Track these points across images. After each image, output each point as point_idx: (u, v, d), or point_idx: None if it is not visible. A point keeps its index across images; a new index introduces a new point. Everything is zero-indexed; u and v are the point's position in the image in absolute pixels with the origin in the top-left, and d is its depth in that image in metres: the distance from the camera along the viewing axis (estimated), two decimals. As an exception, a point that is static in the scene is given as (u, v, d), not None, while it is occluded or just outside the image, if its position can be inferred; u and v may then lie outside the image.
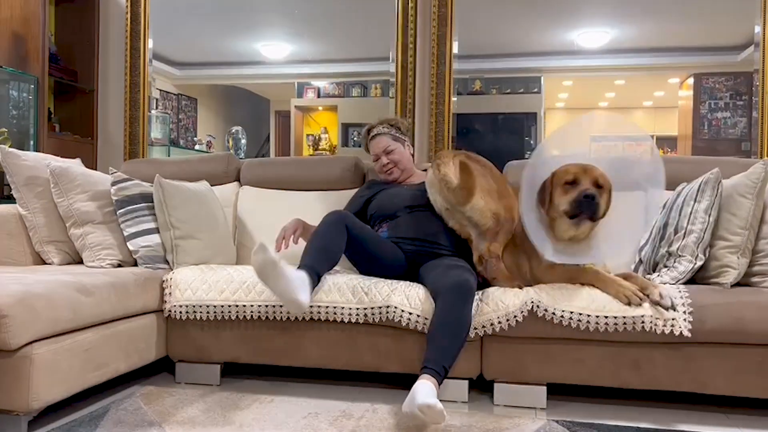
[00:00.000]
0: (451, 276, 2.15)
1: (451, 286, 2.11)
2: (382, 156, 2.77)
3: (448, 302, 2.08)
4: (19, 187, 2.60)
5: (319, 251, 2.22)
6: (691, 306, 2.02)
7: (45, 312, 1.81)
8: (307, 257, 2.20)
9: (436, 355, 2.00)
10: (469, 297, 2.10)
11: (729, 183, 2.26)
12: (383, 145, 2.77)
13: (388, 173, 2.78)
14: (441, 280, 2.16)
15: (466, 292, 2.10)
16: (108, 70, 4.17)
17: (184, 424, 1.94)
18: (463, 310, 2.08)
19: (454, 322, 2.05)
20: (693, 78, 3.77)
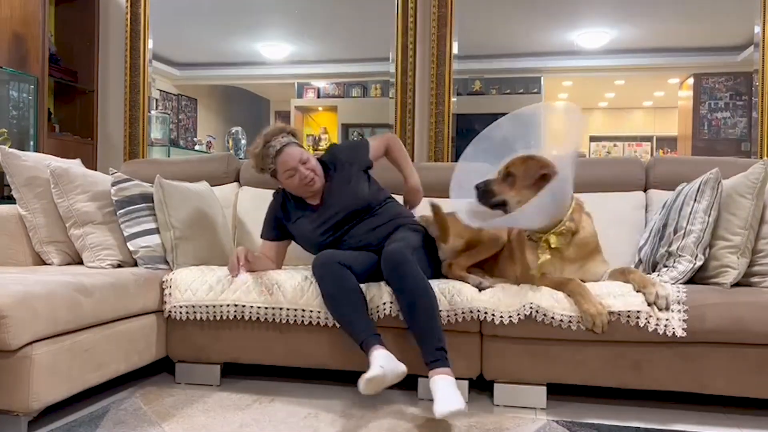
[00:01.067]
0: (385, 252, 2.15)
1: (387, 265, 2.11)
2: (300, 168, 2.38)
3: (397, 284, 2.09)
4: (19, 187, 2.60)
5: (355, 312, 2.11)
6: (686, 305, 2.02)
7: (45, 312, 1.81)
8: (355, 328, 2.08)
9: (427, 342, 2.01)
10: (405, 266, 2.08)
11: (729, 183, 2.26)
12: (297, 155, 2.39)
13: (310, 185, 2.41)
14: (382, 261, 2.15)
15: (400, 262, 2.09)
16: (108, 71, 4.17)
17: (184, 424, 1.94)
18: (411, 281, 2.06)
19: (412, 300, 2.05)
20: (693, 78, 3.78)
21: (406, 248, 2.14)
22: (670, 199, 2.41)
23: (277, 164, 2.40)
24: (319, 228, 2.42)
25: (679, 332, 2.01)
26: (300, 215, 2.48)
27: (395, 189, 3.06)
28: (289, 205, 2.52)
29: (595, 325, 2.03)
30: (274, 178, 2.48)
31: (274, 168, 2.41)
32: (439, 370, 1.94)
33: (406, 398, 2.26)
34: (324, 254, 2.20)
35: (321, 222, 2.43)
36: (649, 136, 4.16)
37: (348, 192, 2.46)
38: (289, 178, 2.40)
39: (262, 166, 2.44)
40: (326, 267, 2.15)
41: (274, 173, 2.44)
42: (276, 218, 2.52)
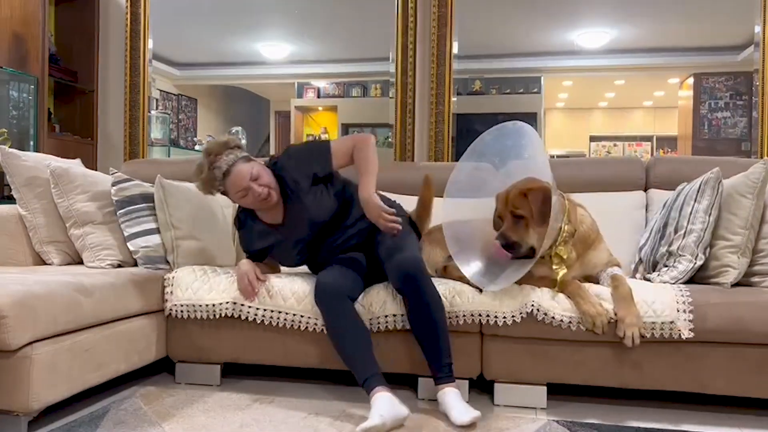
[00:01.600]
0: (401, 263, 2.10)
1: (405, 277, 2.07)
2: (253, 186, 2.17)
3: (413, 293, 2.07)
4: (19, 187, 2.60)
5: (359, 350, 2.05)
6: (692, 305, 2.02)
7: (45, 312, 1.81)
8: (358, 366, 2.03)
9: (439, 357, 2.05)
10: (423, 280, 2.07)
11: (729, 183, 2.26)
12: (247, 173, 2.17)
13: (267, 201, 2.21)
14: (394, 270, 2.10)
15: (417, 276, 2.06)
16: (108, 71, 4.17)
17: (183, 424, 1.94)
18: (428, 295, 2.06)
19: (430, 314, 2.06)
20: (693, 78, 3.77)
21: (420, 260, 2.11)
22: (671, 198, 2.41)
23: (226, 186, 2.20)
24: (293, 249, 2.33)
25: (686, 334, 2.01)
26: (266, 237, 2.34)
27: (395, 189, 3.05)
28: (255, 226, 2.34)
29: (595, 326, 2.02)
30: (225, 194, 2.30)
31: (224, 190, 2.23)
32: (450, 384, 2.04)
33: (406, 398, 2.26)
34: (327, 283, 2.13)
35: (293, 244, 2.32)
36: (649, 136, 4.16)
37: (311, 206, 2.27)
38: (243, 198, 2.20)
39: (210, 191, 2.25)
40: (332, 301, 2.11)
41: (226, 193, 2.25)
42: (253, 239, 2.35)
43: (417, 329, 2.09)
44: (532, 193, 2.08)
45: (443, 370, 2.05)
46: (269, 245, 2.35)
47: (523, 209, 2.08)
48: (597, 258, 2.22)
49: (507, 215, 2.12)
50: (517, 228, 2.09)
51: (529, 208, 2.07)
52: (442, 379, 2.05)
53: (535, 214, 2.06)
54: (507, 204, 2.13)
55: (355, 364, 2.04)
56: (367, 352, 2.05)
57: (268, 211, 2.31)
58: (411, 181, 3.04)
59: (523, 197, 2.09)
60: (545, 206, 2.04)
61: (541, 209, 2.05)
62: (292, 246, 2.32)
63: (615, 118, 4.23)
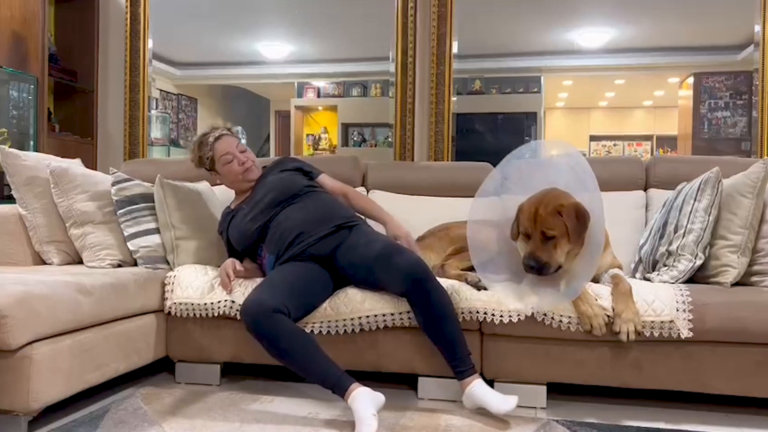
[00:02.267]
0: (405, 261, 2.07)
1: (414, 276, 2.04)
2: (237, 154, 2.43)
3: (424, 296, 2.04)
4: (19, 187, 2.60)
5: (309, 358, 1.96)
6: (692, 305, 2.02)
7: (45, 312, 1.81)
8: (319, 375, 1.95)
9: (459, 351, 2.04)
10: (430, 282, 2.05)
11: (729, 182, 2.26)
12: (234, 143, 2.47)
13: (249, 172, 2.45)
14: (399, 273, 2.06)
15: (427, 270, 2.07)
16: (108, 71, 4.17)
17: (184, 424, 1.94)
18: (438, 293, 2.05)
19: (443, 312, 2.04)
20: (693, 77, 3.77)
21: (422, 260, 2.10)
22: (671, 198, 2.41)
23: (214, 151, 2.44)
24: (247, 216, 2.36)
25: (685, 333, 2.01)
26: (234, 215, 2.45)
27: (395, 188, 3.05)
28: (224, 223, 2.49)
29: (593, 327, 2.02)
30: (212, 171, 2.51)
31: (212, 156, 2.44)
32: (477, 375, 2.03)
33: (407, 397, 2.26)
34: (252, 302, 1.99)
35: (249, 210, 2.38)
36: (649, 136, 4.16)
37: (279, 178, 2.44)
38: (227, 164, 2.42)
39: (200, 155, 2.47)
40: (260, 324, 1.95)
41: (213, 164, 2.47)
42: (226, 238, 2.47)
43: (431, 328, 2.06)
44: (565, 210, 2.00)
45: (465, 362, 2.03)
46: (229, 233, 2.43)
47: (556, 229, 2.00)
48: (602, 261, 2.23)
49: (536, 234, 2.04)
50: (546, 247, 2.02)
51: (563, 227, 2.00)
52: (467, 372, 2.02)
53: (571, 232, 1.99)
54: (536, 222, 2.03)
55: (314, 374, 1.94)
56: (321, 356, 1.95)
57: (246, 189, 2.48)
58: (410, 180, 3.05)
59: (557, 215, 2.00)
60: (580, 223, 2.00)
61: (576, 227, 2.00)
62: (249, 211, 2.37)
63: (615, 118, 4.23)
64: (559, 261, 2.03)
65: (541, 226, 2.02)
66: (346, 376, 1.93)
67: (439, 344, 2.06)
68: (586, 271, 2.02)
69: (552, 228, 2.00)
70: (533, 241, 2.05)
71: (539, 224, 2.03)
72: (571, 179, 2.11)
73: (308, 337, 2.01)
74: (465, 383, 2.02)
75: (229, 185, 2.54)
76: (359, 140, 4.27)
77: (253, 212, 2.36)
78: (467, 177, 2.97)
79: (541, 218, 2.02)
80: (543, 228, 2.02)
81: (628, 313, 2.00)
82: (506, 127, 4.00)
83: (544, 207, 2.03)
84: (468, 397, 2.02)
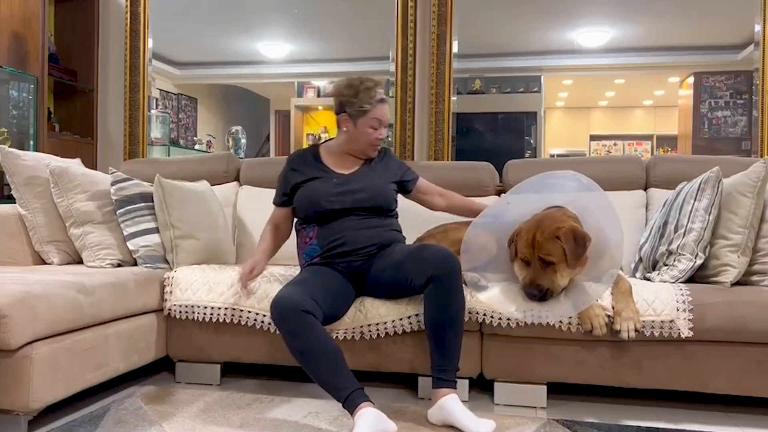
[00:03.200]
0: (436, 255, 2.00)
1: (443, 268, 1.96)
2: (381, 128, 2.29)
3: (443, 291, 1.97)
4: (19, 187, 2.60)
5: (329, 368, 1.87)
6: (692, 304, 2.02)
7: (45, 312, 1.81)
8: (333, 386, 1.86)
9: (450, 361, 1.97)
10: (457, 278, 1.98)
11: (729, 182, 2.26)
12: (388, 114, 2.30)
13: (377, 146, 2.33)
14: (425, 263, 2.00)
15: (457, 269, 1.99)
16: (108, 70, 4.17)
17: (184, 423, 1.94)
18: (459, 295, 1.99)
19: (456, 314, 1.98)
20: (693, 77, 3.77)
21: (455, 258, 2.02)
22: (671, 197, 2.41)
23: (373, 108, 2.24)
24: (332, 191, 2.23)
25: (685, 332, 2.01)
26: (315, 176, 2.29)
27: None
28: (304, 168, 2.32)
29: (593, 327, 2.02)
30: (343, 115, 2.28)
31: (368, 109, 2.24)
32: (454, 390, 1.95)
33: (407, 397, 2.26)
34: (284, 298, 1.92)
35: (340, 191, 2.24)
36: (649, 135, 4.15)
37: (380, 183, 2.31)
38: (371, 128, 2.25)
39: (353, 99, 2.24)
40: (288, 319, 1.89)
41: (356, 114, 2.25)
42: (287, 183, 2.34)
43: (436, 326, 1.98)
44: (563, 234, 2.00)
45: (451, 373, 1.96)
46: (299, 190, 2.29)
47: (554, 255, 2.00)
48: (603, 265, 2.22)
49: (534, 261, 2.03)
50: (545, 273, 2.02)
51: (561, 252, 2.00)
52: (448, 383, 1.94)
53: (570, 256, 1.99)
54: (534, 248, 2.02)
55: (329, 384, 1.86)
56: (342, 367, 1.87)
57: (348, 155, 2.35)
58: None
59: (555, 240, 2.00)
60: (579, 246, 2.00)
61: (575, 251, 1.99)
62: (339, 193, 2.23)
63: (615, 117, 4.22)
64: (561, 285, 2.03)
65: (539, 252, 2.01)
66: (362, 393, 1.84)
67: (436, 345, 1.98)
68: (597, 283, 2.02)
69: (550, 254, 2.00)
70: (533, 268, 2.04)
71: (537, 250, 2.02)
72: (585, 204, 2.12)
73: (334, 345, 1.90)
74: (441, 393, 1.93)
75: (343, 143, 2.33)
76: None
77: (338, 196, 2.23)
78: (467, 177, 2.97)
79: (538, 244, 2.01)
80: (541, 254, 2.01)
81: (628, 312, 2.00)
82: (506, 127, 4.00)
83: (541, 233, 2.02)
84: (439, 409, 1.92)
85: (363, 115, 2.25)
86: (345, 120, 2.29)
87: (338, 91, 2.29)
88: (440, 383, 1.95)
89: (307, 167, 2.33)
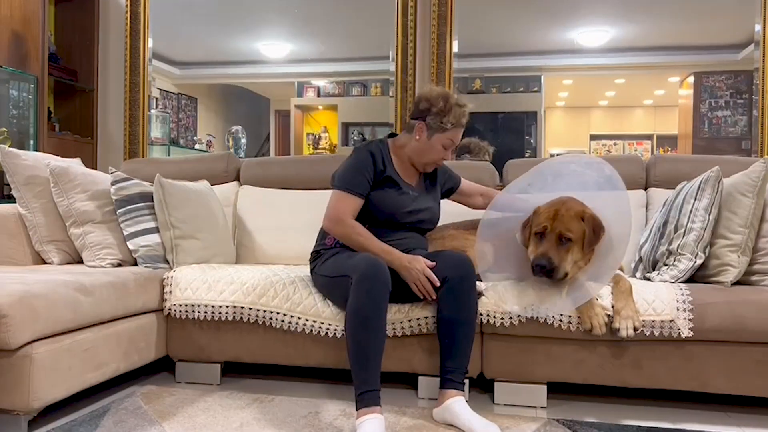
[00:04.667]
0: (452, 258, 2.02)
1: (458, 269, 1.98)
2: (449, 151, 2.25)
3: (459, 293, 1.98)
4: (19, 186, 2.60)
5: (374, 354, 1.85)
6: (692, 304, 2.02)
7: (45, 312, 1.81)
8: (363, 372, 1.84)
9: (460, 362, 1.98)
10: (474, 277, 2.01)
11: (729, 181, 2.26)
12: (459, 140, 2.28)
13: (436, 166, 2.30)
14: (442, 265, 2.01)
15: (472, 272, 2.00)
16: (108, 70, 4.17)
17: (184, 423, 1.94)
18: (472, 298, 2.01)
19: (469, 317, 2.00)
20: (693, 76, 3.77)
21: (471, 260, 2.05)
22: (671, 197, 2.40)
23: (453, 130, 2.18)
24: (408, 207, 2.20)
25: (685, 332, 2.01)
26: (394, 181, 2.21)
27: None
28: (381, 168, 2.20)
29: (593, 327, 2.02)
30: (419, 122, 2.19)
31: (445, 127, 2.16)
32: (462, 392, 1.95)
33: (407, 396, 2.26)
34: (382, 267, 1.91)
35: (411, 209, 2.21)
36: (649, 135, 4.16)
37: (436, 204, 2.34)
38: (443, 147, 2.19)
39: (440, 113, 2.15)
40: (377, 283, 1.87)
41: (435, 128, 2.17)
42: (368, 173, 2.17)
43: (449, 327, 1.98)
44: (587, 217, 2.02)
45: (460, 374, 1.97)
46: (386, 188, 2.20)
47: (574, 232, 2.01)
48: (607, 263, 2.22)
49: (552, 235, 2.03)
50: (560, 250, 2.02)
51: (581, 232, 2.01)
52: (456, 385, 1.96)
53: (587, 240, 2.01)
54: (555, 221, 2.02)
55: (365, 366, 1.83)
56: (380, 360, 1.87)
57: (413, 172, 2.29)
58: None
59: (579, 219, 2.01)
60: (596, 235, 2.02)
61: (592, 238, 2.02)
62: (413, 210, 2.21)
63: (615, 117, 4.22)
64: (567, 268, 2.03)
65: (561, 226, 2.02)
66: (377, 396, 1.82)
67: (447, 346, 1.99)
68: (596, 281, 2.03)
69: (571, 230, 2.01)
70: (548, 241, 2.04)
71: (558, 223, 2.02)
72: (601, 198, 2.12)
73: (385, 333, 1.90)
74: (448, 394, 1.94)
75: (410, 153, 2.25)
76: (359, 139, 4.27)
77: (411, 212, 2.21)
78: (467, 176, 2.97)
79: (561, 218, 2.02)
80: (562, 228, 2.01)
81: (628, 311, 2.00)
82: (506, 127, 4.00)
83: (566, 209, 2.04)
84: (445, 410, 1.91)
85: (442, 131, 2.18)
86: (420, 129, 2.20)
87: (429, 97, 2.20)
88: (448, 384, 1.95)
89: (385, 164, 2.22)
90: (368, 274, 1.88)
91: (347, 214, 2.12)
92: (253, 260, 2.98)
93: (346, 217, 2.12)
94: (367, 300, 1.85)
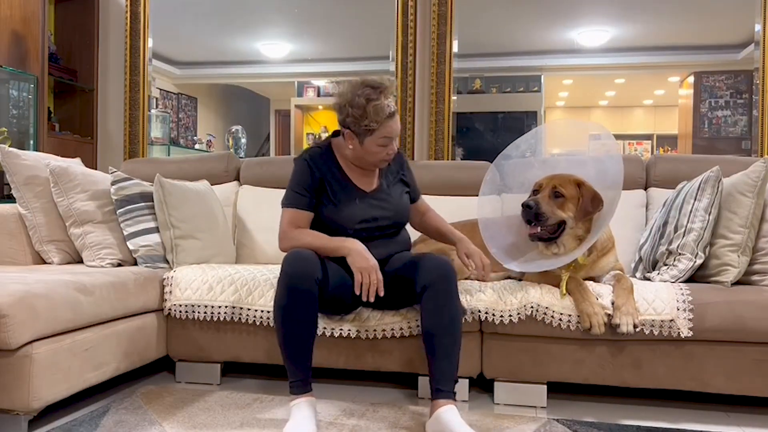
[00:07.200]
0: (432, 262, 1.94)
1: (438, 275, 1.90)
2: (391, 144, 2.04)
3: (437, 298, 1.89)
4: (19, 186, 2.60)
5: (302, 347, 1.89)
6: (692, 304, 2.02)
7: (45, 311, 1.81)
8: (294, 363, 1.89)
9: (447, 370, 1.86)
10: (455, 281, 1.92)
11: (729, 181, 2.26)
12: (399, 126, 2.04)
13: (385, 162, 2.10)
14: (421, 271, 1.94)
15: (452, 275, 1.92)
16: (108, 70, 4.17)
17: (184, 423, 1.94)
18: (453, 303, 1.90)
19: (452, 323, 1.89)
20: (693, 76, 3.77)
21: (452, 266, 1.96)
22: (671, 197, 2.41)
23: (382, 126, 1.97)
24: (358, 217, 2.08)
25: (685, 332, 2.01)
26: (341, 196, 2.09)
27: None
28: (319, 176, 2.09)
29: (592, 326, 2.01)
30: (346, 131, 2.03)
31: (374, 128, 1.98)
32: (452, 401, 1.83)
33: (407, 396, 2.26)
34: (304, 259, 1.88)
35: (367, 217, 2.09)
36: (649, 135, 4.16)
37: (399, 199, 2.18)
38: (381, 146, 2.01)
39: (359, 114, 1.96)
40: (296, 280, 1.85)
41: (363, 132, 1.99)
42: (307, 184, 2.07)
43: (434, 333, 1.88)
44: (586, 187, 2.12)
45: (449, 383, 1.85)
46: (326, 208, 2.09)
47: (568, 191, 2.10)
48: (606, 263, 2.23)
49: (546, 189, 2.13)
50: (550, 202, 2.10)
51: (576, 194, 2.10)
52: (445, 394, 1.83)
53: (582, 205, 2.09)
54: (551, 180, 2.14)
55: (294, 358, 1.88)
56: (310, 350, 1.90)
57: (367, 171, 2.14)
58: (411, 179, 3.04)
59: (576, 186, 2.12)
60: (593, 205, 2.10)
61: (587, 206, 2.09)
62: (366, 219, 2.09)
63: (615, 117, 4.22)
64: (559, 216, 2.09)
65: (555, 182, 2.11)
66: (307, 382, 1.90)
67: (431, 354, 1.88)
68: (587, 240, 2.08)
69: (564, 188, 2.09)
70: (540, 194, 2.13)
71: (553, 181, 2.12)
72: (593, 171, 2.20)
73: (316, 327, 1.91)
74: (438, 404, 1.82)
75: (352, 159, 2.10)
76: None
77: (364, 223, 2.08)
78: (467, 176, 2.97)
79: (558, 178, 2.13)
80: (556, 183, 2.10)
81: (628, 307, 2.00)
82: (506, 126, 4.00)
83: (564, 176, 2.14)
84: (435, 420, 1.80)
85: (370, 134, 2.00)
86: (350, 136, 2.04)
87: (340, 104, 2.02)
88: (437, 394, 1.84)
89: (326, 170, 2.10)
90: (288, 271, 1.87)
91: (292, 227, 2.06)
92: (253, 260, 2.98)
93: (290, 230, 2.05)
94: (287, 294, 1.86)
